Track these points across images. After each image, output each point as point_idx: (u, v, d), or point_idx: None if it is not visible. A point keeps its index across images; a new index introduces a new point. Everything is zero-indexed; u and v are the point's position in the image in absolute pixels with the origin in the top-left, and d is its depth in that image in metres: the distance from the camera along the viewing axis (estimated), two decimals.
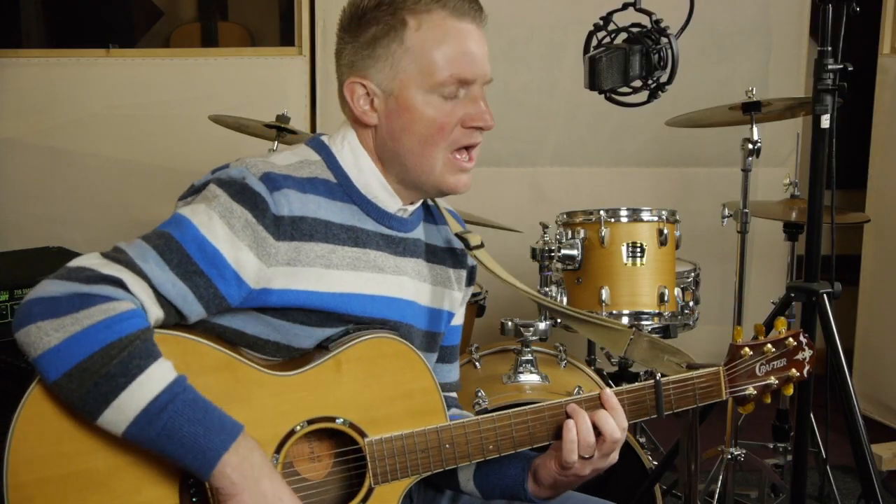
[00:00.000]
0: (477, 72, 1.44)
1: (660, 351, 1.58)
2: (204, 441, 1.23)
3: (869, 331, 3.73)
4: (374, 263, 1.46)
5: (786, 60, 3.84)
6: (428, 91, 1.41)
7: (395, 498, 1.42)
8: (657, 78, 1.81)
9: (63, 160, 3.69)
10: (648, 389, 1.49)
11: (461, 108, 1.43)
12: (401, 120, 1.43)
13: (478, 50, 1.45)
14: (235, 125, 2.91)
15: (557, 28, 3.70)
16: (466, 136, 1.44)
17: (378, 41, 1.42)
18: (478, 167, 1.51)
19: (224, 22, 4.97)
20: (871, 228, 3.68)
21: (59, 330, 1.20)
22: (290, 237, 1.36)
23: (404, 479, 1.41)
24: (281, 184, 1.36)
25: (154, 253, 1.29)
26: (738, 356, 1.56)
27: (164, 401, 1.22)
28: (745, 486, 2.99)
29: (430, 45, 1.41)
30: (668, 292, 2.60)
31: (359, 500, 1.39)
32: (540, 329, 2.41)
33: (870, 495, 2.08)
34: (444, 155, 1.43)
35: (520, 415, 1.44)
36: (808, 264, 2.12)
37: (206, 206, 1.34)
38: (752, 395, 1.56)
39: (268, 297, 1.36)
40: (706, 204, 3.55)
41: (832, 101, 2.05)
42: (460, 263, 1.63)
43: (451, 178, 1.45)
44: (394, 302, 1.47)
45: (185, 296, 1.30)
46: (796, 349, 1.59)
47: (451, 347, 1.66)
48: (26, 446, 1.22)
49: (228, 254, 1.32)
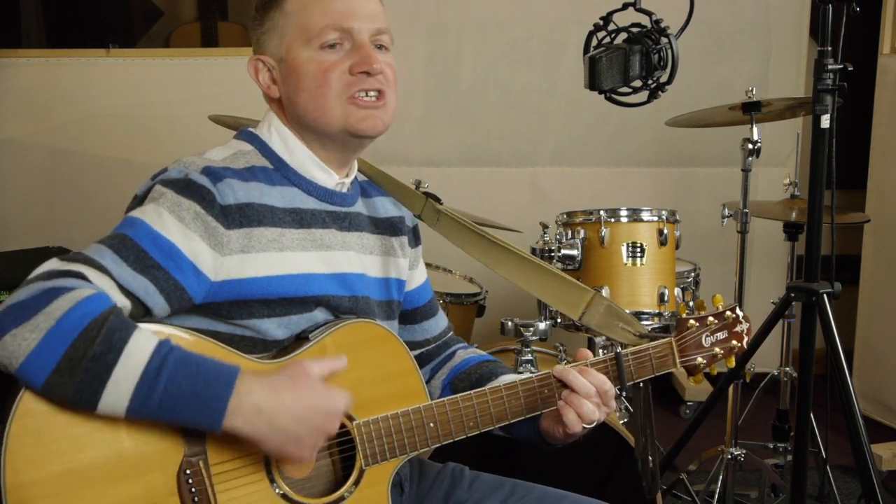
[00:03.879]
0: (356, 20, 1.46)
1: (615, 318, 1.62)
2: (205, 395, 1.23)
3: (869, 331, 3.73)
4: (322, 242, 1.49)
5: (786, 60, 3.84)
6: (308, 46, 1.45)
7: (385, 479, 1.46)
8: (657, 78, 1.81)
9: (63, 160, 3.68)
10: (610, 362, 1.55)
11: (348, 58, 1.46)
12: (293, 82, 1.47)
13: (357, 1, 1.47)
14: (235, 125, 2.89)
15: (557, 28, 3.70)
16: (357, 82, 1.45)
17: (265, 16, 1.49)
18: (478, 167, 1.51)
19: (224, 22, 4.97)
20: (871, 228, 3.68)
21: (34, 330, 1.19)
22: (239, 224, 1.38)
23: (393, 460, 1.45)
24: (222, 175, 1.40)
25: (110, 252, 1.31)
26: (685, 328, 1.64)
27: (156, 365, 1.22)
28: (745, 486, 2.99)
29: (306, 2, 1.46)
30: (668, 292, 2.60)
31: (351, 483, 1.42)
32: (540, 329, 2.41)
33: (870, 495, 2.08)
34: (340, 103, 1.45)
35: (496, 391, 1.50)
36: (808, 264, 2.12)
37: (155, 205, 1.37)
38: (701, 365, 1.65)
39: (229, 288, 1.38)
40: (706, 204, 3.56)
41: (832, 101, 2.05)
42: (399, 230, 1.66)
43: (354, 118, 1.46)
44: (346, 277, 1.51)
45: (147, 288, 1.31)
46: (735, 321, 1.68)
47: (430, 301, 1.74)
48: (22, 445, 1.21)
49: (183, 245, 1.34)
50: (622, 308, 1.64)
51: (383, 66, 1.47)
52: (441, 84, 3.72)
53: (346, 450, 1.44)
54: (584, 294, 1.62)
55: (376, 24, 1.48)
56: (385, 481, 1.46)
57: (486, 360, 1.70)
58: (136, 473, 1.27)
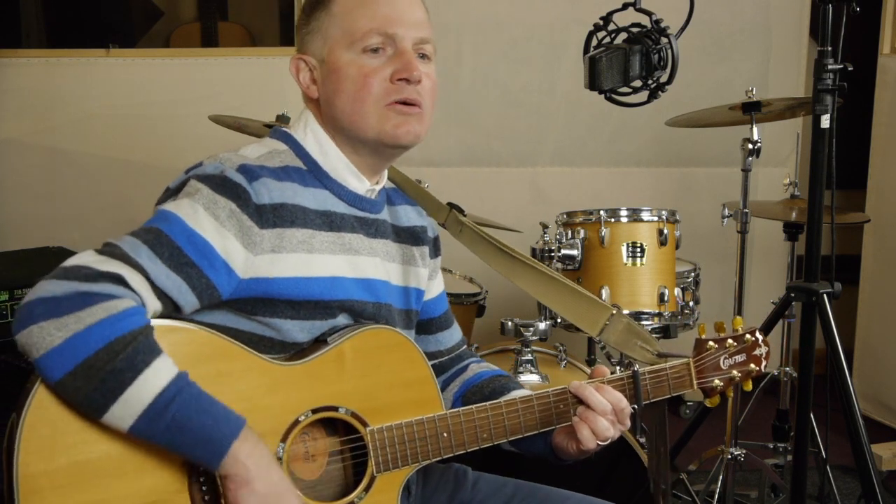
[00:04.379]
0: (401, 26, 1.45)
1: (634, 336, 1.62)
2: (213, 430, 1.24)
3: (869, 331, 3.73)
4: (350, 246, 1.49)
5: (786, 60, 3.84)
6: (351, 49, 1.45)
7: (395, 487, 1.45)
8: (657, 78, 1.81)
9: (63, 160, 3.68)
10: (627, 380, 1.54)
11: (389, 64, 1.45)
12: (332, 83, 1.47)
13: (404, 8, 1.47)
14: (235, 125, 2.91)
15: (557, 28, 3.70)
16: (397, 91, 1.45)
17: (312, 16, 1.49)
18: (478, 167, 1.52)
19: (224, 22, 4.97)
20: (871, 228, 3.68)
21: (61, 329, 1.20)
22: (272, 224, 1.38)
23: (405, 468, 1.45)
24: (258, 173, 1.40)
25: (146, 247, 1.30)
26: (704, 349, 1.62)
27: (171, 393, 1.23)
28: (745, 486, 2.99)
29: (352, 6, 1.46)
30: (668, 292, 2.60)
31: (362, 489, 1.41)
32: (540, 329, 2.41)
33: (870, 495, 2.08)
34: (377, 109, 1.45)
35: (511, 404, 1.50)
36: (808, 264, 2.12)
37: (190, 200, 1.36)
38: (718, 387, 1.62)
39: (256, 286, 1.38)
40: (706, 204, 3.56)
41: (832, 101, 2.05)
42: (421, 240, 1.66)
43: (390, 125, 1.46)
44: (372, 283, 1.51)
45: (180, 287, 1.31)
46: (754, 345, 1.66)
47: (445, 313, 1.73)
48: (36, 437, 1.22)
49: (217, 243, 1.34)
50: (640, 328, 1.63)
51: (423, 75, 1.46)
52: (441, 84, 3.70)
53: (357, 455, 1.44)
54: (604, 311, 1.61)
55: (420, 32, 1.47)
56: (396, 489, 1.45)
57: (499, 375, 1.69)
58: (147, 468, 1.28)
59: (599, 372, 1.54)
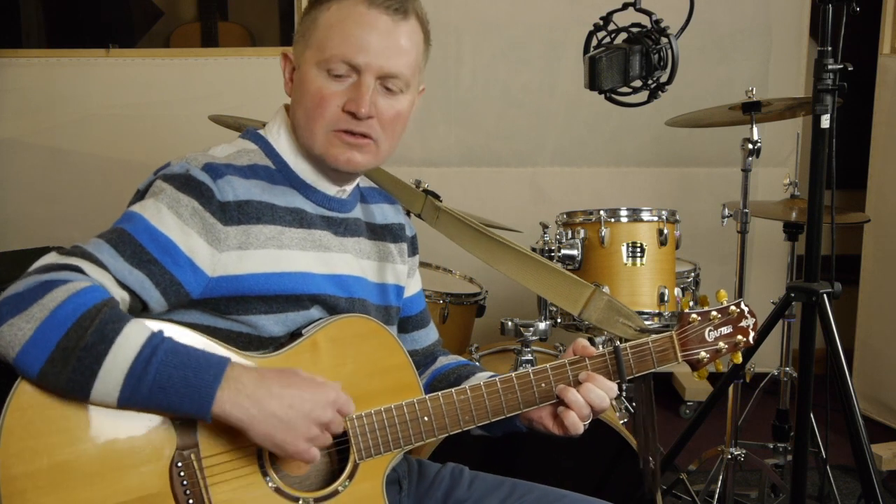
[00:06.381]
0: (366, 59, 1.44)
1: (615, 313, 1.63)
2: (195, 381, 1.25)
3: (869, 331, 3.73)
4: (321, 243, 1.50)
5: (786, 60, 3.84)
6: (318, 66, 1.45)
7: (380, 473, 1.46)
8: (657, 78, 1.81)
9: (63, 160, 3.68)
10: (609, 355, 1.54)
11: (346, 92, 1.45)
12: (297, 92, 1.49)
13: (377, 40, 1.44)
14: (235, 125, 2.90)
15: (557, 28, 3.70)
16: (344, 121, 1.45)
17: (306, 17, 1.50)
18: (478, 167, 1.52)
19: (224, 22, 4.97)
20: (871, 228, 3.68)
21: (29, 321, 1.21)
22: (237, 221, 1.40)
23: (387, 454, 1.45)
24: (223, 171, 1.42)
25: (108, 246, 1.33)
26: (686, 322, 1.62)
27: (146, 354, 1.24)
28: (745, 486, 2.99)
29: (332, 22, 1.45)
30: (668, 292, 2.60)
31: (345, 477, 1.42)
32: (540, 329, 2.41)
33: (870, 495, 2.08)
34: (325, 132, 1.46)
35: (491, 385, 1.50)
36: (808, 264, 2.12)
37: (154, 200, 1.39)
38: (704, 359, 1.62)
39: (227, 284, 1.39)
40: (706, 204, 3.56)
41: (832, 101, 2.05)
42: (399, 237, 1.67)
43: (333, 150, 1.47)
44: (343, 279, 1.51)
45: (143, 282, 1.33)
46: (740, 316, 1.65)
47: (422, 312, 1.73)
48: (15, 439, 1.22)
49: (180, 241, 1.36)
50: (622, 304, 1.64)
51: (380, 110, 1.45)
52: (441, 84, 3.71)
53: (340, 444, 1.44)
54: (584, 289, 1.63)
55: (389, 65, 1.44)
56: (380, 476, 1.46)
57: (466, 364, 1.70)
58: (129, 466, 1.28)
59: (579, 347, 1.54)
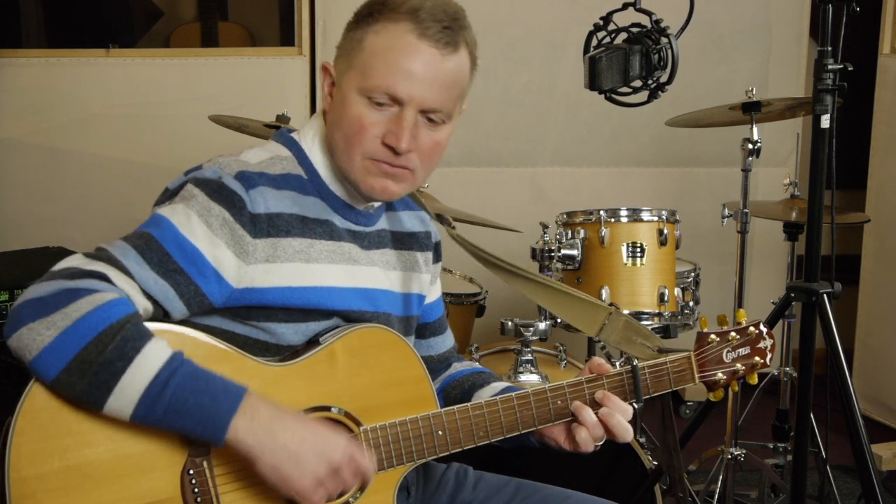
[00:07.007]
0: (409, 93, 1.39)
1: (633, 333, 1.61)
2: (211, 408, 1.24)
3: (869, 331, 3.73)
4: (349, 255, 1.48)
5: (786, 60, 3.84)
6: (360, 92, 1.41)
7: (391, 486, 1.44)
8: (657, 78, 1.81)
9: (63, 160, 3.68)
10: (626, 375, 1.53)
11: (386, 123, 1.41)
12: (337, 112, 1.45)
13: (422, 73, 1.39)
14: (235, 125, 2.91)
15: (557, 28, 3.70)
16: (381, 152, 1.42)
17: (351, 33, 1.45)
18: (478, 167, 1.51)
19: (224, 22, 4.96)
20: (871, 228, 3.68)
21: (50, 328, 1.20)
22: (266, 234, 1.38)
23: (400, 467, 1.44)
24: (256, 181, 1.39)
25: (134, 252, 1.31)
26: (705, 343, 1.60)
27: (165, 376, 1.23)
28: (745, 486, 2.99)
29: (378, 49, 1.40)
30: (668, 292, 2.60)
31: (356, 489, 1.41)
32: (540, 329, 2.41)
33: (870, 495, 2.08)
34: (362, 159, 1.43)
35: (507, 401, 1.48)
36: (808, 264, 2.12)
37: (185, 206, 1.36)
38: (721, 381, 1.61)
39: (251, 296, 1.38)
40: (706, 204, 3.56)
41: (832, 101, 2.04)
42: (425, 246, 1.65)
43: (369, 178, 1.44)
44: (371, 292, 1.50)
45: (167, 293, 1.31)
46: (758, 338, 1.64)
47: (440, 319, 1.72)
48: (27, 441, 1.22)
49: (207, 252, 1.34)
50: (639, 325, 1.62)
51: (420, 142, 1.43)
52: None
53: None
54: (601, 311, 1.61)
55: (433, 99, 1.41)
56: (391, 488, 1.44)
57: (480, 371, 1.69)
58: (140, 472, 1.28)
59: (595, 365, 1.53)
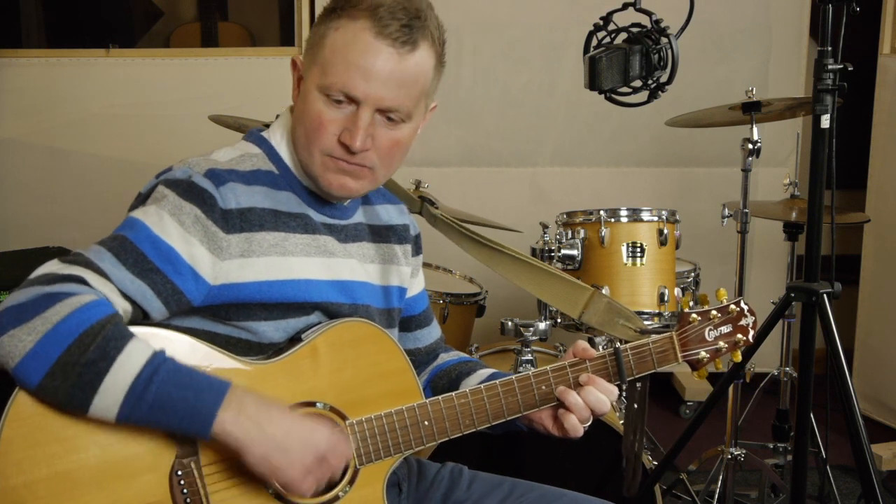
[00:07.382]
0: (365, 92, 1.39)
1: (615, 315, 1.63)
2: (196, 402, 1.25)
3: (869, 331, 3.73)
4: (325, 248, 1.48)
5: (786, 60, 3.84)
6: (319, 89, 1.42)
7: (380, 478, 1.45)
8: (657, 78, 1.81)
9: (63, 160, 3.69)
10: (609, 357, 1.54)
11: (344, 121, 1.41)
12: (300, 107, 1.46)
13: (378, 72, 1.39)
14: (235, 125, 2.91)
15: (557, 28, 3.70)
16: (338, 149, 1.42)
17: (319, 27, 1.45)
18: (478, 167, 1.51)
19: (224, 22, 4.96)
20: (871, 228, 3.68)
21: (31, 333, 1.21)
22: (239, 229, 1.38)
23: (388, 459, 1.45)
24: (226, 178, 1.40)
25: (109, 254, 1.32)
26: (687, 322, 1.61)
27: (148, 373, 1.23)
28: (745, 486, 2.99)
29: (337, 46, 1.41)
30: (668, 292, 2.60)
31: (346, 483, 1.41)
32: (540, 329, 2.41)
33: (870, 495, 2.08)
34: (321, 156, 1.44)
35: (491, 388, 1.49)
36: (808, 264, 2.12)
37: (157, 207, 1.37)
38: (704, 359, 1.62)
39: (229, 292, 1.38)
40: (706, 204, 3.56)
41: (832, 101, 2.04)
42: (404, 238, 1.65)
43: (328, 175, 1.44)
44: (349, 284, 1.50)
45: (144, 293, 1.32)
46: (740, 315, 1.65)
47: (425, 311, 1.72)
48: (13, 449, 1.22)
49: (182, 250, 1.35)
50: (622, 306, 1.63)
51: (378, 140, 1.42)
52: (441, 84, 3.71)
53: None
54: (583, 292, 1.62)
55: (389, 98, 1.41)
56: (380, 481, 1.45)
57: (467, 360, 1.70)
58: (128, 475, 1.28)
59: (580, 349, 1.54)
